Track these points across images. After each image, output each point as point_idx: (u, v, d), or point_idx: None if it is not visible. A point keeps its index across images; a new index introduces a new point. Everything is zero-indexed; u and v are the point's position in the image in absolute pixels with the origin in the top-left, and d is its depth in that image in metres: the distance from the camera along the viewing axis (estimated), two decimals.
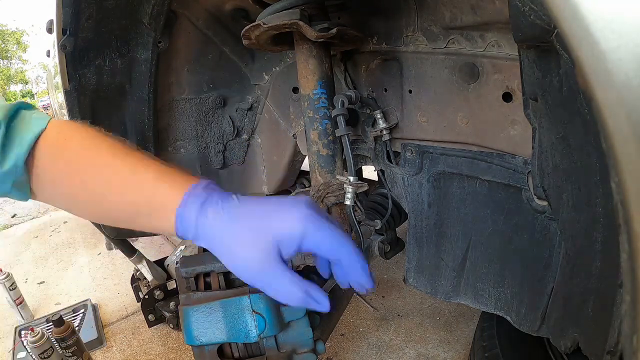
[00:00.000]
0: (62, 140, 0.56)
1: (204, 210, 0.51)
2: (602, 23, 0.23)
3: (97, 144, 0.57)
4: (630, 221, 0.25)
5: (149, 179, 0.55)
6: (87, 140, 0.58)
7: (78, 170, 0.56)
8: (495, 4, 0.64)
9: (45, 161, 0.55)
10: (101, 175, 0.56)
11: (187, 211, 0.51)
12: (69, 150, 0.56)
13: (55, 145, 0.56)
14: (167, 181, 0.54)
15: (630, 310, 0.29)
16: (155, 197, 0.54)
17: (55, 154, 0.56)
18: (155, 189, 0.54)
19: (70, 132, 0.58)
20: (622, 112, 0.24)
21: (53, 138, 0.56)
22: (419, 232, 0.94)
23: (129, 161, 0.56)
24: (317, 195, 0.87)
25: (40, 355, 1.41)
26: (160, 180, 0.55)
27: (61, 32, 0.89)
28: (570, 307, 0.63)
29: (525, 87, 0.58)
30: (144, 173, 0.55)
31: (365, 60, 0.95)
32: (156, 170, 0.56)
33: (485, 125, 0.77)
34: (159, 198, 0.54)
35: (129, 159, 0.56)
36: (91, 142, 0.58)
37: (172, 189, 0.53)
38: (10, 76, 30.17)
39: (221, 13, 1.08)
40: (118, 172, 0.56)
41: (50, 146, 0.55)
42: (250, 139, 1.31)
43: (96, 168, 0.56)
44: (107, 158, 0.56)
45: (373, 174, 1.19)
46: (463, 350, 1.48)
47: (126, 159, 0.56)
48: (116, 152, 0.57)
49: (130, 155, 0.57)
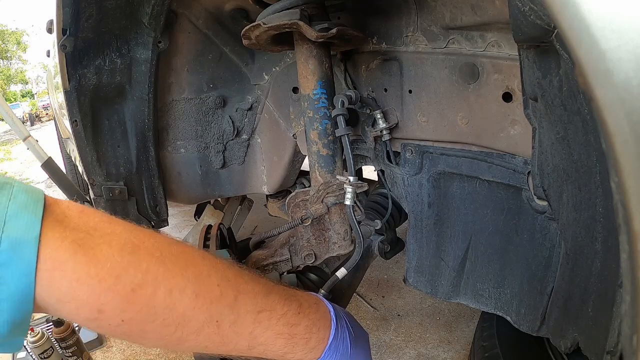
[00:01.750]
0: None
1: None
2: (602, 23, 0.23)
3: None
4: (630, 221, 0.25)
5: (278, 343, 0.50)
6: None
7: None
8: (495, 4, 0.64)
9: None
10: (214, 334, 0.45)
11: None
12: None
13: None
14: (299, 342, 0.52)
15: (630, 310, 0.29)
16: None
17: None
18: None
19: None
20: (621, 112, 0.24)
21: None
22: (419, 232, 0.94)
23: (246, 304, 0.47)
24: (317, 195, 0.87)
25: (40, 355, 1.41)
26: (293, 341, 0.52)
27: (61, 32, 0.89)
28: (570, 307, 0.63)
29: (525, 87, 0.58)
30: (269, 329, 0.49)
31: (365, 60, 0.95)
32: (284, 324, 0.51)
33: (485, 125, 0.77)
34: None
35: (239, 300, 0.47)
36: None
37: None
38: (10, 76, 30.18)
39: (221, 13, 1.08)
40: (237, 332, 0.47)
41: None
42: (250, 139, 1.31)
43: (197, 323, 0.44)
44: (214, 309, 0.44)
45: (373, 174, 1.19)
46: (463, 350, 1.48)
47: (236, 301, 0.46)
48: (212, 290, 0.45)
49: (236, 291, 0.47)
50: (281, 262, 0.93)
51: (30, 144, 1.46)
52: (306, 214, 0.90)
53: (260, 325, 0.48)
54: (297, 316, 0.53)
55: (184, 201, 1.33)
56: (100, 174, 1.11)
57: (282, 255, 0.93)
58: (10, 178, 0.40)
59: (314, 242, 0.92)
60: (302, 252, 0.92)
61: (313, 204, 0.88)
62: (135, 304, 0.40)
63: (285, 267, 0.94)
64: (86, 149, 1.07)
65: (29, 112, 18.95)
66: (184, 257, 0.45)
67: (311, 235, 0.92)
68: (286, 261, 0.93)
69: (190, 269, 0.44)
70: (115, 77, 1.02)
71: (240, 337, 0.47)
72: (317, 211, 0.88)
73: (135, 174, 1.15)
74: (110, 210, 1.15)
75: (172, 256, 0.44)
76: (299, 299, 0.56)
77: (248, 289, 0.48)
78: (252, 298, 0.48)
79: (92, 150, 1.08)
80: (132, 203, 1.16)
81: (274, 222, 2.46)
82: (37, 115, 18.47)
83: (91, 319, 0.40)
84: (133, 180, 1.15)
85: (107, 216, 0.44)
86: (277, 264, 0.93)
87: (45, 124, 14.87)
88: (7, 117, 1.41)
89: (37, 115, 18.52)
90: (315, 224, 0.91)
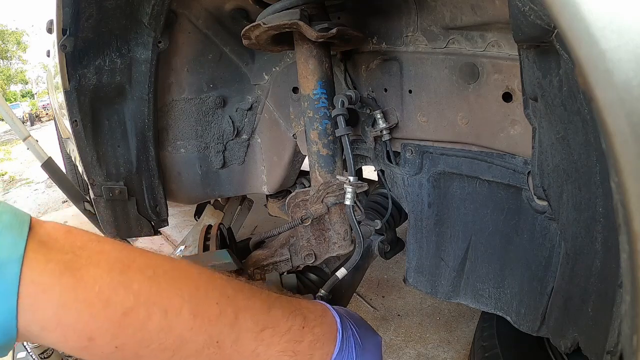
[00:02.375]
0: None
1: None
2: (602, 23, 0.23)
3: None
4: (630, 221, 0.25)
5: None
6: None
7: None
8: (495, 4, 0.64)
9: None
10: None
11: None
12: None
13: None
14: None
15: (630, 310, 0.29)
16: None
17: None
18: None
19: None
20: (622, 112, 0.24)
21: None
22: (419, 232, 0.94)
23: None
24: (317, 195, 0.87)
25: (40, 355, 1.41)
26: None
27: (61, 32, 0.89)
28: (570, 307, 0.63)
29: (525, 87, 0.58)
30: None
31: (365, 60, 0.95)
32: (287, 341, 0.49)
33: (485, 125, 0.77)
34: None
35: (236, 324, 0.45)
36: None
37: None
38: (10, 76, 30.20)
39: (221, 13, 1.08)
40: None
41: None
42: (250, 139, 1.31)
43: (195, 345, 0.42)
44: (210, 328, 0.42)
45: (373, 174, 1.19)
46: (463, 350, 1.48)
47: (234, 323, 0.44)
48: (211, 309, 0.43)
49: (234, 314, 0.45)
50: (281, 262, 0.93)
51: (30, 144, 1.46)
52: (306, 214, 0.90)
53: (263, 343, 0.46)
54: (301, 331, 0.50)
55: (184, 201, 1.33)
56: (100, 174, 1.11)
57: (282, 255, 0.93)
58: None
59: (314, 242, 0.92)
60: (302, 252, 0.92)
61: (313, 204, 0.88)
62: (127, 328, 0.37)
63: (285, 267, 0.94)
64: (86, 149, 1.07)
65: (29, 112, 18.96)
66: (178, 275, 0.43)
67: (311, 235, 0.92)
68: (286, 261, 0.93)
69: (186, 287, 0.42)
70: (115, 77, 1.02)
71: (242, 356, 0.45)
72: (317, 211, 0.88)
73: (135, 174, 1.15)
74: (110, 210, 1.15)
75: (165, 274, 0.41)
76: (304, 312, 0.53)
77: (249, 305, 0.46)
78: (254, 315, 0.46)
79: (92, 150, 1.08)
80: (132, 203, 1.16)
81: (274, 222, 2.46)
82: (37, 115, 18.48)
83: (80, 348, 0.37)
84: (133, 180, 1.15)
85: (96, 235, 0.41)
86: (277, 264, 0.93)
87: (45, 124, 14.87)
88: (7, 117, 1.41)
89: (37, 115, 18.52)
90: (315, 224, 0.91)
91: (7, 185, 5.16)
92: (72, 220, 3.00)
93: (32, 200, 4.03)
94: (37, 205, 3.78)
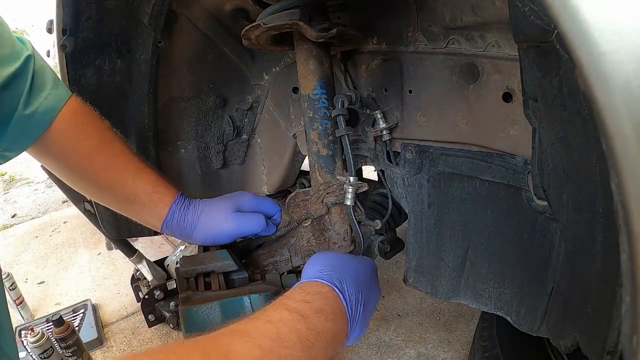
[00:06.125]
0: (86, 118, 0.74)
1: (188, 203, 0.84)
2: (603, 24, 0.23)
3: (113, 138, 0.79)
4: (630, 222, 0.25)
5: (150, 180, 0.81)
6: (106, 133, 0.78)
7: (95, 157, 0.74)
8: (495, 4, 0.64)
9: (69, 135, 0.70)
10: (114, 167, 0.76)
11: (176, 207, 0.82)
12: (90, 132, 0.73)
13: (78, 123, 0.72)
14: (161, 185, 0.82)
15: (630, 310, 0.29)
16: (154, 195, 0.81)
17: (78, 133, 0.71)
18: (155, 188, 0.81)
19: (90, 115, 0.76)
20: (622, 113, 0.24)
21: (78, 109, 0.73)
22: (419, 232, 0.94)
23: (135, 164, 0.80)
24: (317, 195, 0.87)
25: (41, 355, 1.41)
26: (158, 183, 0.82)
27: (61, 32, 0.89)
28: (570, 307, 0.63)
29: (525, 87, 0.58)
30: (148, 174, 0.81)
31: (365, 60, 0.95)
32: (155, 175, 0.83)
33: (485, 125, 0.77)
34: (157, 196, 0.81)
35: (135, 162, 0.81)
36: (109, 134, 0.79)
37: (167, 190, 0.83)
38: None
39: (221, 13, 1.08)
40: (128, 170, 0.78)
41: (74, 123, 0.71)
42: (250, 139, 1.31)
43: (109, 159, 0.75)
44: (121, 157, 0.78)
45: (373, 174, 1.19)
46: (463, 350, 1.48)
47: (133, 161, 0.80)
48: (126, 151, 0.80)
49: (135, 158, 0.81)
50: (281, 262, 0.93)
51: None
52: (306, 214, 0.90)
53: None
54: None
55: None
56: None
57: (282, 255, 0.93)
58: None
59: (314, 242, 0.92)
60: (302, 252, 0.92)
61: (313, 204, 0.88)
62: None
63: (285, 267, 0.94)
64: None
65: None
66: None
67: (311, 236, 0.92)
68: (286, 261, 0.93)
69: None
70: (115, 77, 1.02)
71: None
72: (317, 211, 0.88)
73: None
74: (110, 210, 1.15)
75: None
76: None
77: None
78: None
79: None
80: None
81: None
82: None
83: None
84: None
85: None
86: (277, 264, 0.93)
87: None
88: None
89: None
90: (315, 224, 0.91)
91: (7, 185, 5.15)
92: (72, 219, 3.00)
93: (32, 200, 4.02)
94: (37, 205, 3.78)
